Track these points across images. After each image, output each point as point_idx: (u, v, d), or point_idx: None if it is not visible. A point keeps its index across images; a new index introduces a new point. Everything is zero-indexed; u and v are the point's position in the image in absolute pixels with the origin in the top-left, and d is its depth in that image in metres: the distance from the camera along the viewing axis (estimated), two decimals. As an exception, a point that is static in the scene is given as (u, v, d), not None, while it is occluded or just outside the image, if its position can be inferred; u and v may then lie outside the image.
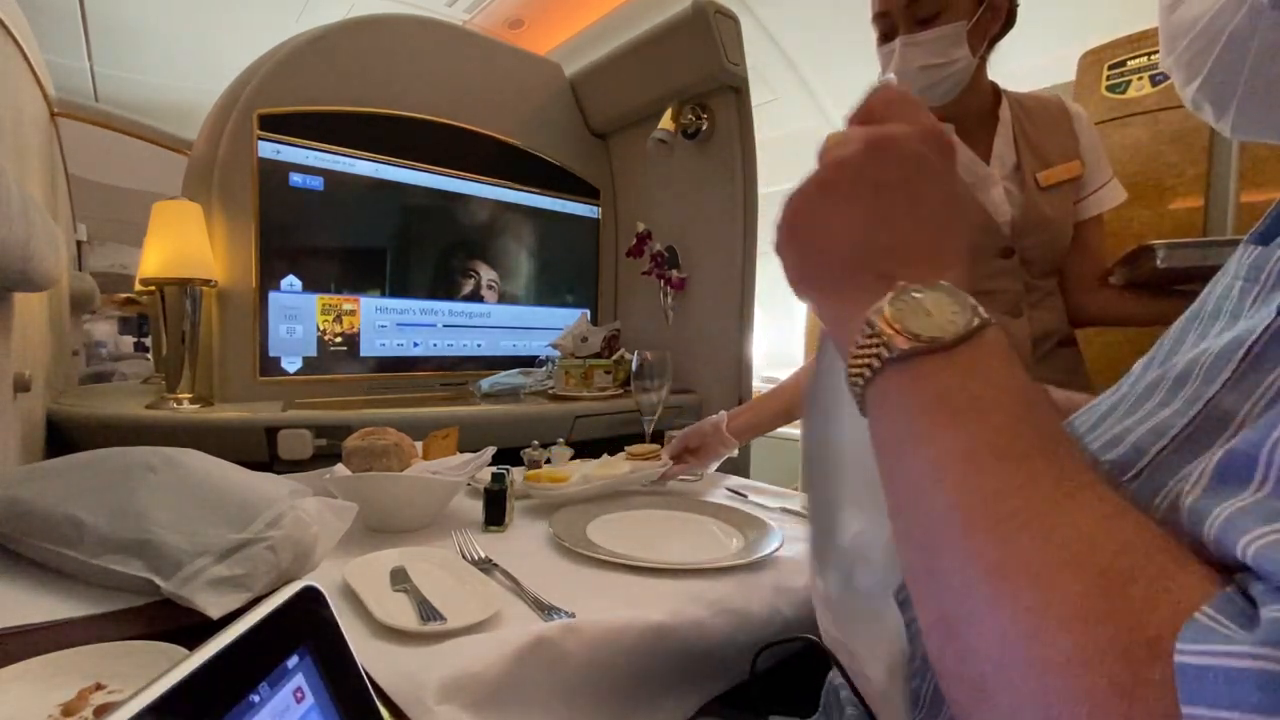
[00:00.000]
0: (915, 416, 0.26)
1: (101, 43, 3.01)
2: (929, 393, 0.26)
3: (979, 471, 0.23)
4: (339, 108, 1.43)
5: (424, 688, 0.42)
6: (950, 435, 0.25)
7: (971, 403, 0.25)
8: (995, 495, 0.23)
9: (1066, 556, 0.20)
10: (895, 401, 0.27)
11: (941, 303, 0.27)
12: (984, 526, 0.22)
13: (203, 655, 0.22)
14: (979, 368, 0.26)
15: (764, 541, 0.70)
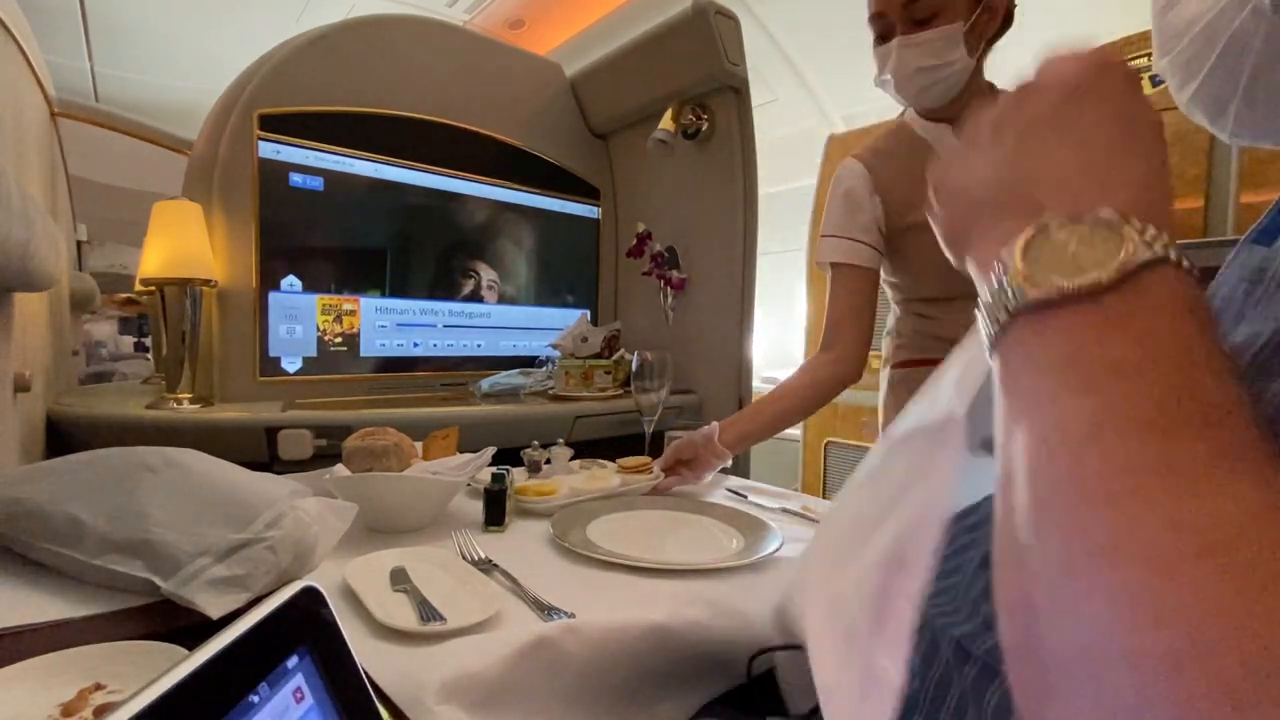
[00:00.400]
0: (1039, 379, 0.22)
1: (101, 43, 3.01)
2: (1058, 352, 0.22)
3: (1104, 444, 0.19)
4: (339, 108, 1.43)
5: (424, 688, 0.42)
6: (1077, 402, 0.20)
7: (1112, 366, 0.20)
8: (1120, 470, 0.19)
9: (1200, 545, 0.17)
10: (1020, 362, 0.23)
11: (1091, 239, 0.22)
12: (1099, 501, 0.19)
13: (203, 655, 0.22)
14: (1133, 321, 0.21)
15: (764, 542, 0.70)
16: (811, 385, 1.09)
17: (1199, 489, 0.18)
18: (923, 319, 1.14)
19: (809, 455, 2.35)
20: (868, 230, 1.10)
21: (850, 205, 1.11)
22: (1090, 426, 0.20)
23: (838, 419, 2.25)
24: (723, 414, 1.55)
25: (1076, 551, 0.19)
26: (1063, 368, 0.21)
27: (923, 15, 0.94)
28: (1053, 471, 0.20)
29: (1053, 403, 0.21)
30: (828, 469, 2.29)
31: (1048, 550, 0.19)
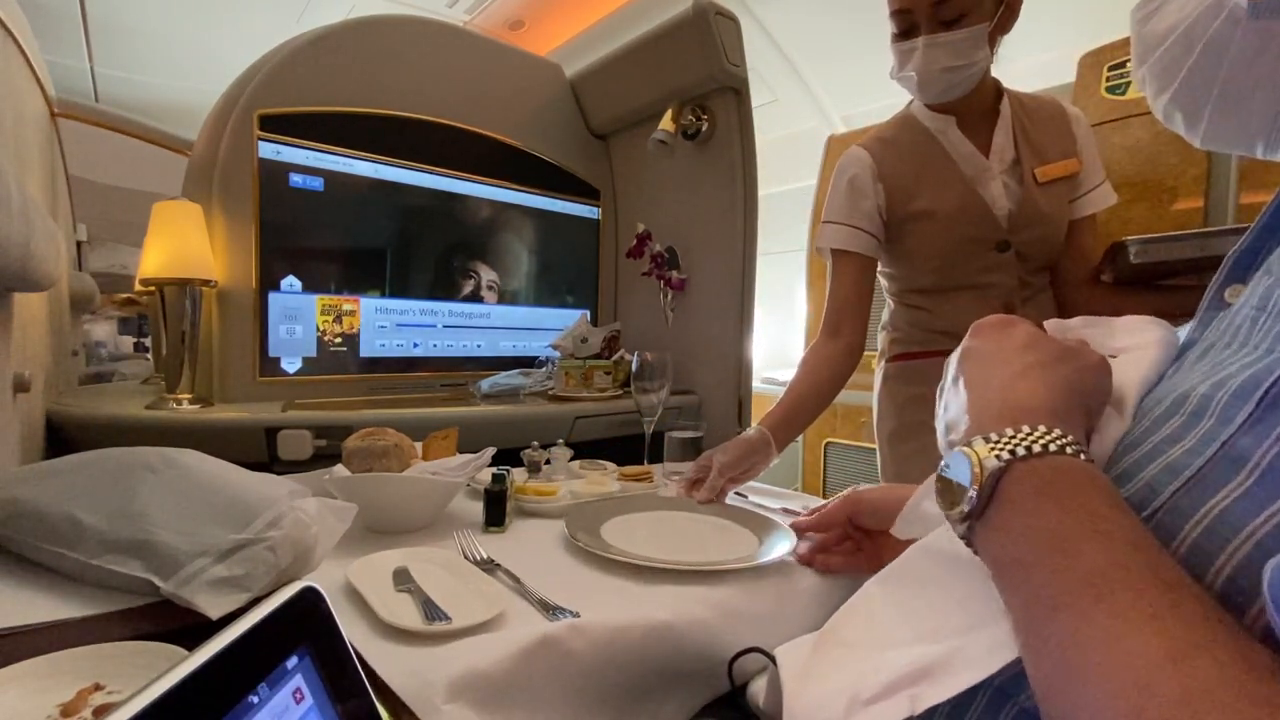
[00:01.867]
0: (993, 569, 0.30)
1: (101, 43, 3.01)
2: (987, 556, 0.30)
3: (1021, 627, 0.27)
4: (339, 108, 1.43)
5: (432, 687, 0.42)
6: (1006, 597, 0.28)
7: (1011, 562, 0.28)
8: (1032, 645, 0.26)
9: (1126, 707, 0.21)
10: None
11: (949, 482, 0.31)
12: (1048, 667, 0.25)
13: (202, 656, 0.22)
14: (1008, 522, 0.28)
15: (774, 544, 0.70)
16: (831, 379, 1.09)
17: (1103, 651, 0.23)
18: (918, 311, 1.15)
19: (809, 455, 2.35)
20: (870, 218, 1.11)
21: (854, 192, 1.11)
22: (1023, 608, 0.27)
23: (838, 419, 2.25)
24: (723, 414, 1.57)
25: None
26: (997, 567, 0.29)
27: (951, 16, 0.95)
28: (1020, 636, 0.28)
29: (998, 580, 0.29)
30: (827, 469, 2.29)
31: None
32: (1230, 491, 0.26)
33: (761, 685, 0.51)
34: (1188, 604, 0.23)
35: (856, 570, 0.67)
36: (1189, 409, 0.31)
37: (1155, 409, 0.33)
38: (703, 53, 1.47)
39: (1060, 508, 0.27)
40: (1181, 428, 0.30)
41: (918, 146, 1.08)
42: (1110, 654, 0.22)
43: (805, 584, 0.66)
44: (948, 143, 1.06)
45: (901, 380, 1.19)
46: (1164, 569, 0.24)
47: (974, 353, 0.36)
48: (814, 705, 0.36)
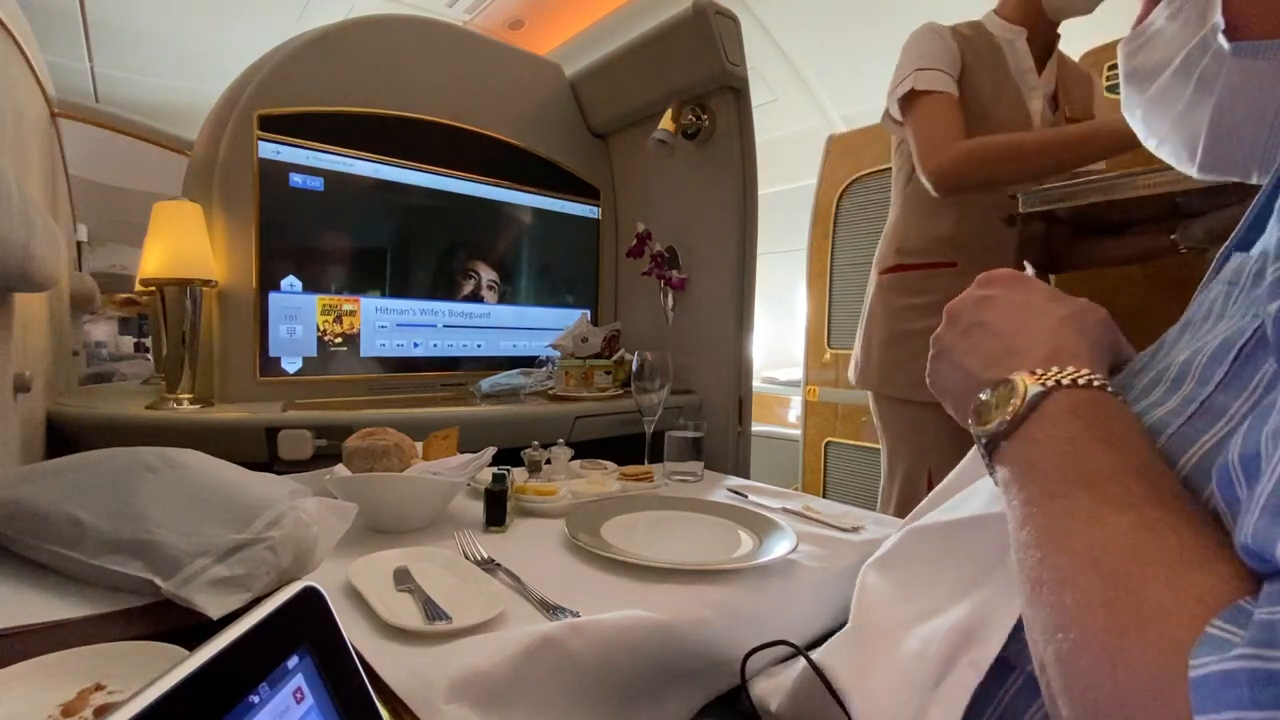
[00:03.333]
0: (1006, 479, 0.33)
1: (101, 43, 3.01)
2: (1007, 466, 0.33)
3: (1029, 514, 0.30)
4: (339, 108, 1.43)
5: (432, 687, 0.42)
6: (1014, 491, 0.32)
7: (1028, 463, 0.31)
8: (1038, 526, 0.29)
9: (1086, 561, 0.25)
10: (1000, 476, 0.35)
11: (999, 397, 0.34)
12: (1030, 546, 0.29)
13: (202, 656, 0.22)
14: (1036, 433, 0.32)
15: (775, 544, 0.70)
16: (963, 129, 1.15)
17: (1082, 525, 0.27)
18: (922, 217, 1.25)
19: (809, 455, 2.35)
20: (953, 65, 1.17)
21: (936, 45, 1.18)
22: (1022, 504, 0.30)
23: (838, 419, 2.25)
24: (723, 414, 1.57)
25: (1031, 575, 0.28)
26: (1012, 473, 0.32)
27: None
28: (1015, 534, 0.31)
29: (1007, 490, 0.32)
30: (828, 469, 2.29)
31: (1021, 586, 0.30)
32: (1207, 441, 0.28)
33: (769, 687, 0.51)
34: (1168, 499, 0.26)
35: None
36: (1169, 376, 0.33)
37: (1140, 381, 0.36)
38: (702, 52, 1.47)
39: (1084, 422, 0.30)
40: (1163, 394, 0.33)
41: (987, 46, 1.19)
42: (1085, 526, 0.26)
43: (805, 584, 0.66)
44: (1012, 52, 1.18)
45: (895, 290, 1.28)
46: (1157, 475, 0.27)
47: (1000, 301, 0.40)
48: (878, 709, 0.39)
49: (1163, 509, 0.25)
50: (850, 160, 2.20)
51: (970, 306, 0.42)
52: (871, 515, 0.87)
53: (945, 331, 0.43)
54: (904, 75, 1.18)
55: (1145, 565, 0.23)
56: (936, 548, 0.44)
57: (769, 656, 0.54)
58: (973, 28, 1.20)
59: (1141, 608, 0.22)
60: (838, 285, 2.24)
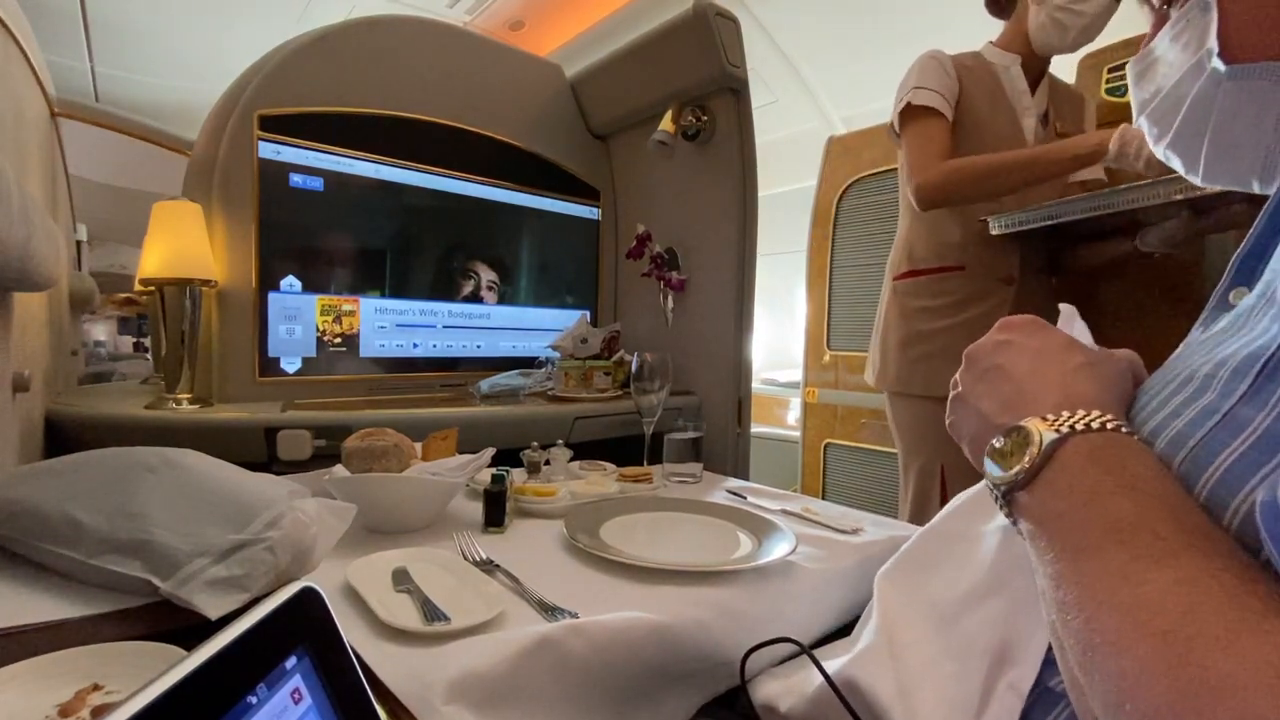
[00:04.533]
0: (1030, 530, 0.33)
1: (101, 43, 3.01)
2: (1029, 517, 0.33)
3: (1059, 573, 0.29)
4: (339, 108, 1.43)
5: (430, 688, 0.42)
6: (1036, 545, 0.31)
7: (1052, 516, 0.31)
8: (1074, 586, 0.28)
9: (1135, 622, 0.24)
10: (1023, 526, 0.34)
11: (1014, 444, 0.34)
12: (1071, 607, 0.27)
13: (200, 656, 0.22)
14: (1056, 482, 0.31)
15: (774, 545, 0.70)
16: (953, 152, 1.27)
17: (1123, 584, 0.26)
18: (930, 227, 1.33)
19: (809, 456, 2.35)
20: (952, 95, 1.27)
21: (941, 71, 1.27)
22: (1053, 560, 0.29)
23: (837, 420, 2.25)
24: (722, 415, 1.57)
25: (1081, 639, 0.27)
26: (1038, 527, 0.31)
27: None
28: (1051, 593, 0.29)
29: (1034, 542, 0.31)
30: (827, 470, 2.29)
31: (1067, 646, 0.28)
32: (1230, 455, 0.28)
33: (777, 688, 0.51)
34: (1201, 543, 0.25)
35: None
36: (1193, 386, 0.33)
37: (1162, 389, 0.35)
38: (703, 53, 1.47)
39: (1102, 468, 0.30)
40: (1183, 403, 0.32)
41: (985, 72, 1.30)
42: (1125, 585, 0.25)
43: (805, 584, 0.66)
44: (1008, 77, 1.29)
45: (909, 294, 1.36)
46: (1185, 515, 0.27)
47: (1018, 346, 0.41)
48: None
49: (1200, 556, 0.25)
50: (850, 161, 2.20)
51: (988, 351, 0.42)
52: (870, 517, 0.87)
53: (964, 375, 0.43)
54: (904, 93, 1.28)
55: (1199, 627, 0.23)
56: (952, 552, 0.44)
57: (767, 657, 0.54)
58: (973, 57, 1.32)
59: (1206, 675, 0.22)
60: (837, 287, 2.24)
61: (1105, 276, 1.50)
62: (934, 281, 1.32)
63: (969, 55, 1.32)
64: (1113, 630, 0.25)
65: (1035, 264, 1.31)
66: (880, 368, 1.41)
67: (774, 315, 3.73)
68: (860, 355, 1.73)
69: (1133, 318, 1.45)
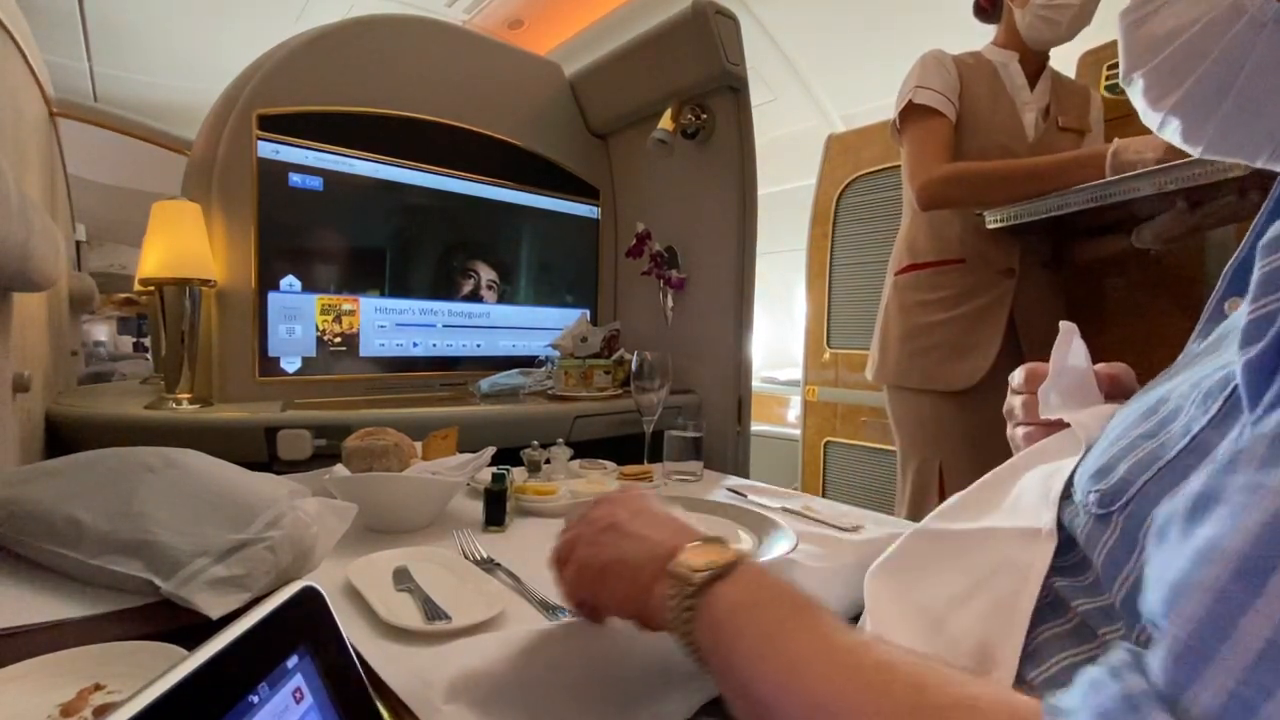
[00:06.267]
0: None
1: (101, 43, 3.00)
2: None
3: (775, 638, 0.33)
4: (339, 108, 1.43)
5: (431, 687, 0.42)
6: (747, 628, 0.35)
7: (754, 606, 0.35)
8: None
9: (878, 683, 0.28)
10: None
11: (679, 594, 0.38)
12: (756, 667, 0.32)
13: (202, 656, 0.22)
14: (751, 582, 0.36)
15: (775, 543, 0.70)
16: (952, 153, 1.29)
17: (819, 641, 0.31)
18: (930, 222, 1.34)
19: (809, 455, 2.35)
20: (954, 93, 1.28)
21: (942, 70, 1.29)
22: (756, 637, 0.34)
23: (838, 419, 2.25)
24: (722, 413, 1.57)
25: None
26: (728, 620, 0.35)
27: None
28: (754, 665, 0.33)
29: (725, 629, 0.35)
30: (827, 468, 2.29)
31: None
32: (1194, 479, 0.27)
33: None
34: (822, 617, 0.32)
35: None
36: (1168, 407, 0.32)
37: (1140, 407, 0.35)
38: (702, 52, 1.47)
39: (770, 576, 0.36)
40: (1158, 424, 0.32)
41: (984, 69, 1.31)
42: (823, 641, 0.31)
43: (805, 582, 0.66)
44: (1006, 73, 1.30)
45: (910, 289, 1.37)
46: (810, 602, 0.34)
47: (630, 500, 0.48)
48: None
49: (829, 630, 0.31)
50: (850, 160, 2.20)
51: (624, 501, 0.48)
52: (870, 515, 0.87)
53: (613, 522, 0.46)
54: (905, 92, 1.29)
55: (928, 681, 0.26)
56: (941, 553, 0.44)
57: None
58: (973, 56, 1.33)
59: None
60: (837, 285, 2.24)
61: (1108, 273, 1.50)
62: (934, 275, 1.32)
63: (969, 54, 1.33)
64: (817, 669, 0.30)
65: (1037, 257, 1.31)
66: (880, 362, 1.42)
67: (774, 313, 3.73)
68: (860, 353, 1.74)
69: (1135, 315, 1.45)
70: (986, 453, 1.25)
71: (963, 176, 1.21)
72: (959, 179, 1.21)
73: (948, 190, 1.23)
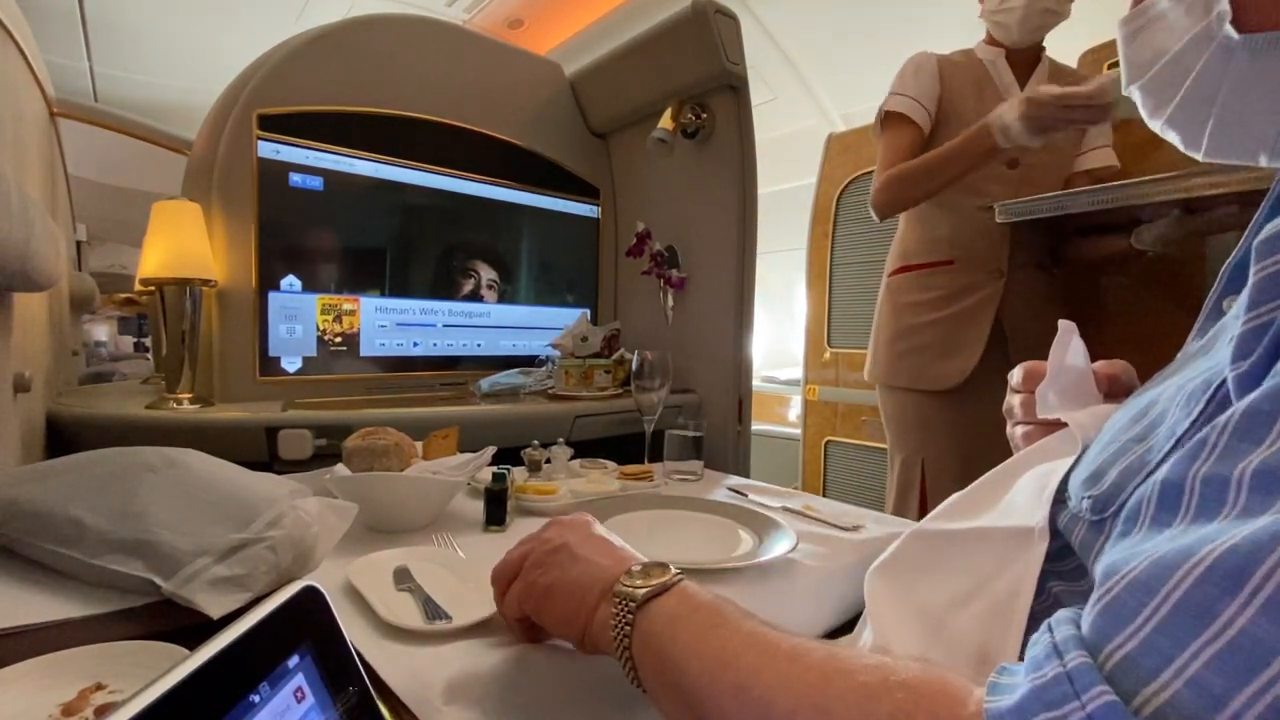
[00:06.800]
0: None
1: (101, 43, 3.01)
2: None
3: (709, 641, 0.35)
4: (339, 108, 1.43)
5: (431, 687, 0.42)
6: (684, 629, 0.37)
7: (694, 611, 0.38)
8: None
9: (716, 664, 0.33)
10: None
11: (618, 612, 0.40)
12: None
13: (203, 655, 0.22)
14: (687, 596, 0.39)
15: (775, 543, 0.70)
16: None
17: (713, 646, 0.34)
18: (920, 224, 1.36)
19: (809, 454, 2.35)
20: (930, 98, 1.30)
21: (921, 74, 1.30)
22: (693, 638, 0.36)
23: (838, 418, 2.25)
24: (723, 413, 1.57)
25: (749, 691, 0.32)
26: (668, 625, 0.38)
27: None
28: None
29: (663, 633, 0.38)
30: (827, 468, 2.29)
31: None
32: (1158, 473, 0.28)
33: None
34: (751, 620, 0.35)
35: None
36: (1156, 410, 0.33)
37: (1131, 410, 0.36)
38: (702, 51, 1.47)
39: (706, 591, 0.39)
40: (1146, 428, 0.32)
41: (973, 69, 1.31)
42: (758, 643, 0.33)
43: (805, 583, 0.66)
44: (994, 71, 1.30)
45: (901, 290, 1.38)
46: (746, 619, 0.35)
47: (581, 538, 0.47)
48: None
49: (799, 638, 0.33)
50: (850, 159, 2.20)
51: (571, 526, 0.49)
52: (871, 514, 0.87)
53: (549, 538, 0.48)
54: (888, 95, 1.32)
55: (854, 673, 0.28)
56: (939, 554, 0.44)
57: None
58: (963, 54, 1.34)
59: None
60: (837, 284, 2.24)
61: (1107, 272, 1.50)
62: (924, 276, 1.35)
63: (962, 53, 1.34)
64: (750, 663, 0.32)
65: (1030, 258, 1.32)
66: (872, 361, 1.46)
67: (774, 313, 3.73)
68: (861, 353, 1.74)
69: (1134, 314, 1.45)
70: (971, 451, 1.27)
71: (892, 180, 1.26)
72: (889, 183, 1.26)
73: (887, 195, 1.27)
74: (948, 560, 0.42)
